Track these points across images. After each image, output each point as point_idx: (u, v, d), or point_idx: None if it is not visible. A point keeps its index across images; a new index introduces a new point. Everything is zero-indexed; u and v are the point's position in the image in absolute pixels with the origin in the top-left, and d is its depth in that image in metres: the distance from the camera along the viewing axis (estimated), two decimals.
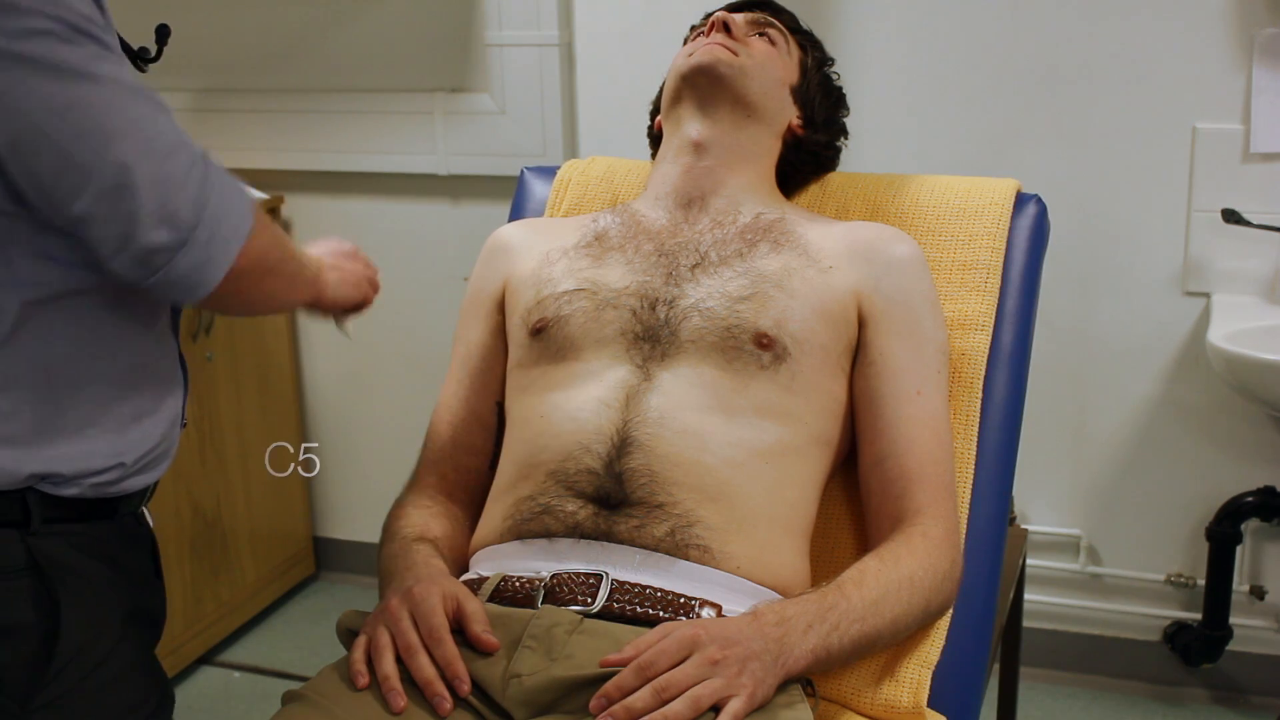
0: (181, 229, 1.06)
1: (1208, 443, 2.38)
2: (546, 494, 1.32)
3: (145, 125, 1.06)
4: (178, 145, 1.08)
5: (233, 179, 1.14)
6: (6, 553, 1.11)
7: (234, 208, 1.10)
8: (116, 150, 1.03)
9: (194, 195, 1.07)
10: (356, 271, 1.40)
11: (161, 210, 1.05)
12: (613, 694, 1.13)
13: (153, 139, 1.06)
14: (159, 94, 1.10)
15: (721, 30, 1.54)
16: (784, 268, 1.42)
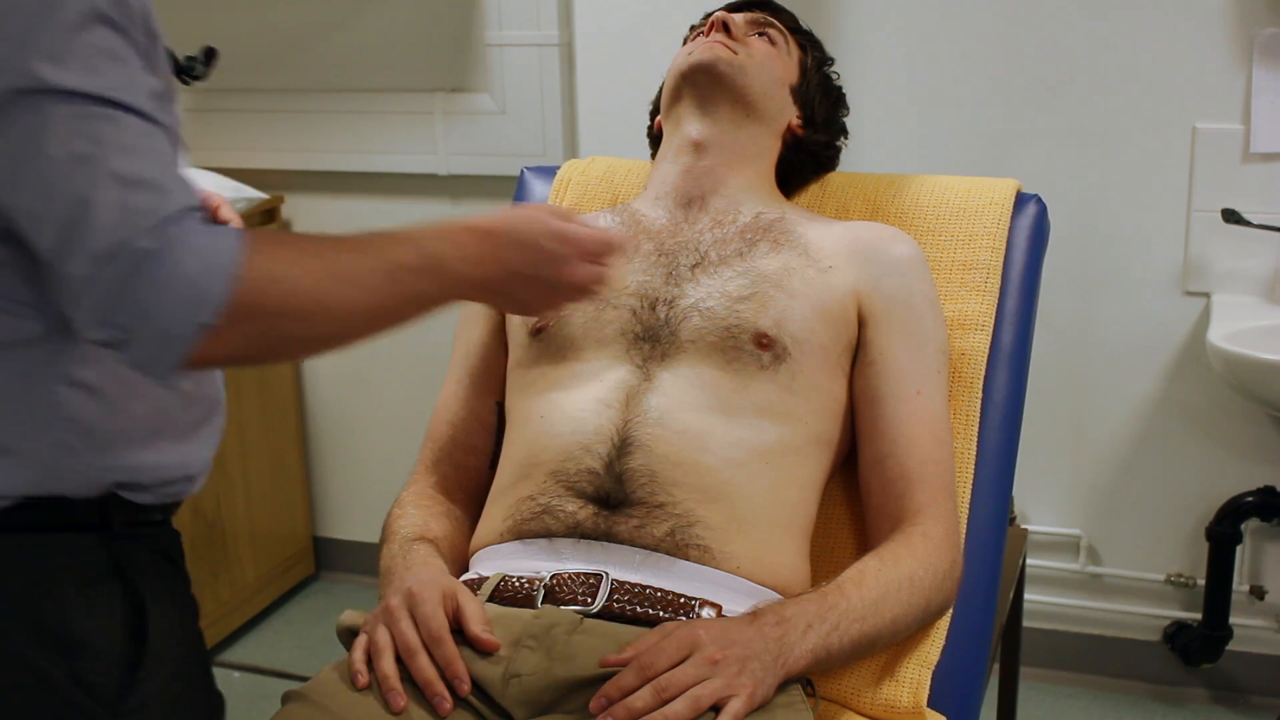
0: (115, 329, 0.96)
1: (1208, 443, 2.38)
2: (546, 494, 1.32)
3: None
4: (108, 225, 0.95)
5: (203, 237, 0.97)
6: (92, 559, 1.09)
7: (179, 295, 0.95)
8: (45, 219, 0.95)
9: (115, 293, 0.95)
10: (541, 301, 1.18)
11: (93, 308, 0.95)
12: (613, 694, 1.13)
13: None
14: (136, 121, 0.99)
15: (721, 30, 1.55)
16: (784, 267, 1.42)
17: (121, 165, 0.95)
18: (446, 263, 1.08)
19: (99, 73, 0.96)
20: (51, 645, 1.06)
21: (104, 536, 1.10)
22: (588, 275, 1.15)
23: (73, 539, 1.08)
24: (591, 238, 1.15)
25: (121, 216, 0.94)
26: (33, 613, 1.06)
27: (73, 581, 1.08)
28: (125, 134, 0.96)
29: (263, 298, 0.98)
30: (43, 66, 0.94)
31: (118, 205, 0.94)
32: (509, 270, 1.11)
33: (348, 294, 1.03)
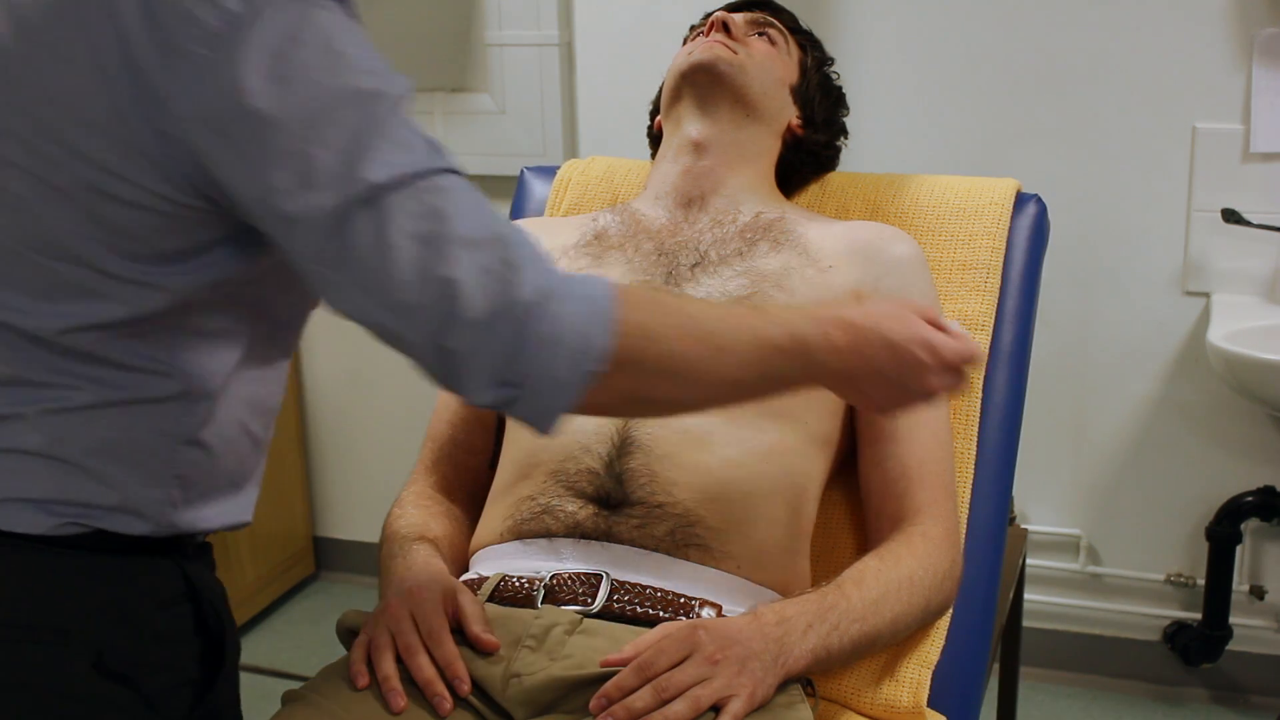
0: (508, 387, 0.99)
1: (1208, 443, 2.38)
2: (546, 494, 1.32)
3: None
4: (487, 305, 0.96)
5: (578, 301, 0.99)
6: (169, 582, 1.10)
7: (568, 345, 0.98)
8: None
9: (506, 353, 0.97)
10: (892, 401, 1.17)
11: (484, 372, 0.98)
12: (613, 694, 1.13)
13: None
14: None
15: (721, 30, 1.55)
16: (783, 267, 1.42)
17: (465, 229, 0.97)
18: (812, 348, 1.10)
19: (413, 149, 0.98)
20: (125, 669, 1.06)
21: (177, 559, 1.11)
22: (944, 385, 1.15)
23: (149, 562, 1.09)
24: (955, 350, 1.14)
25: (487, 280, 0.96)
26: (107, 637, 1.05)
27: (152, 604, 1.09)
28: (455, 198, 0.98)
29: (638, 352, 1.01)
30: (371, 169, 0.95)
31: (479, 270, 0.96)
32: (871, 368, 1.12)
33: (717, 361, 1.05)
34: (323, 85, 0.95)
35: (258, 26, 0.93)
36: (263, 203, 0.96)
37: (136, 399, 1.04)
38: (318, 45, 0.95)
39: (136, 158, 0.96)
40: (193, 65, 0.93)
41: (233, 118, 0.93)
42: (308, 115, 0.94)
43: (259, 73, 0.93)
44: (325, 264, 0.97)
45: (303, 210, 0.95)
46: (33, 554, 1.03)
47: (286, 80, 0.93)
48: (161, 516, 1.07)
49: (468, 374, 0.98)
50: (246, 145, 0.94)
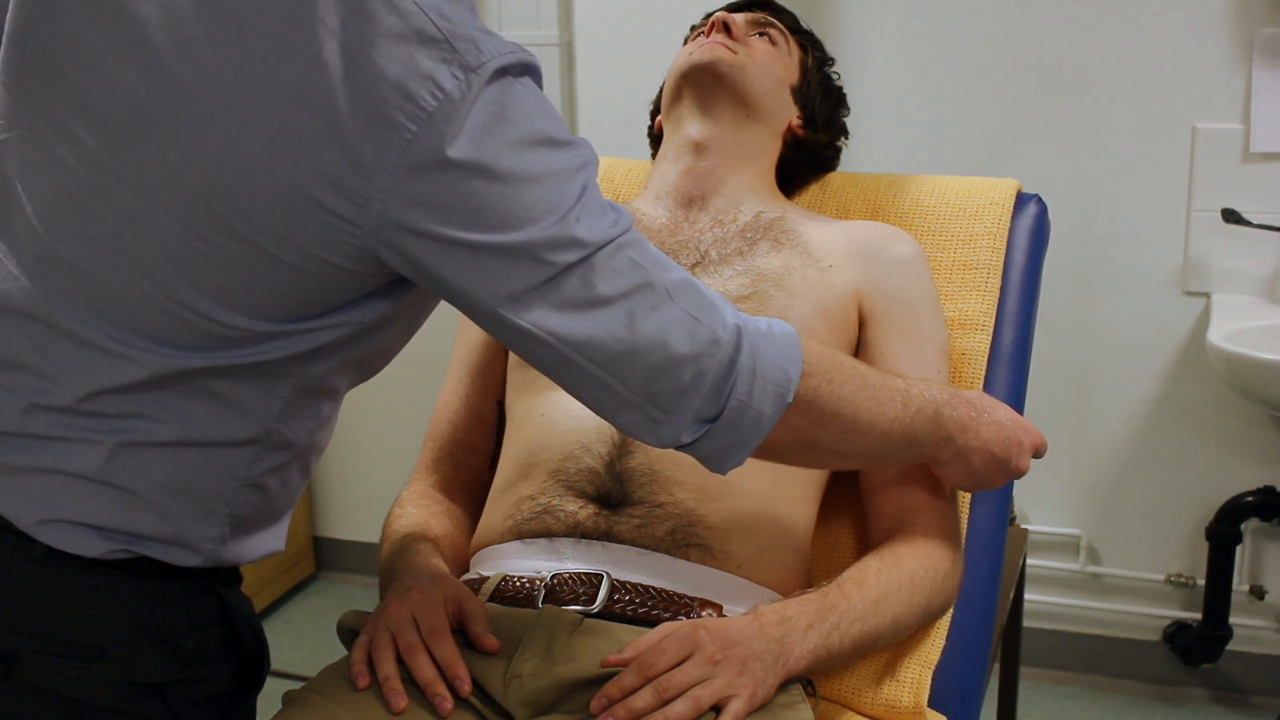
0: (708, 423, 1.05)
1: (1208, 443, 2.38)
2: (547, 493, 1.32)
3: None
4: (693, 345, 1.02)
5: (772, 340, 1.07)
6: (205, 606, 1.11)
7: (771, 380, 1.05)
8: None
9: (715, 390, 1.03)
10: (990, 475, 1.28)
11: (691, 411, 1.04)
12: (613, 694, 1.13)
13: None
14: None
15: (722, 30, 1.54)
16: (784, 267, 1.42)
17: (664, 277, 1.02)
18: (942, 417, 1.22)
19: (607, 213, 1.01)
20: (157, 686, 1.08)
21: (213, 583, 1.12)
22: (1027, 467, 1.28)
23: (187, 586, 1.10)
24: (1039, 435, 1.29)
25: (690, 322, 1.02)
26: (142, 657, 1.07)
27: (187, 626, 1.10)
28: (645, 251, 1.03)
29: (819, 393, 1.09)
30: (583, 233, 0.98)
31: (682, 314, 1.02)
32: (982, 444, 1.24)
33: (878, 413, 1.15)
34: (529, 162, 0.96)
35: (470, 107, 0.94)
36: (468, 260, 0.97)
37: (216, 442, 1.05)
38: (523, 122, 0.97)
39: (310, 226, 0.96)
40: (403, 141, 0.93)
41: (442, 174, 0.94)
42: (516, 190, 0.96)
43: (471, 146, 0.94)
44: (528, 321, 0.99)
45: (513, 269, 0.97)
46: (76, 574, 1.05)
47: (496, 155, 0.95)
48: (210, 552, 1.09)
49: (679, 414, 1.03)
50: (452, 200, 0.95)
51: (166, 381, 1.02)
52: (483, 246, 0.96)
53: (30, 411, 1.04)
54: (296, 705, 1.19)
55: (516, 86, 0.97)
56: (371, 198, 0.94)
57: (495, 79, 0.95)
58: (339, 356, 1.08)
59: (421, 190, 0.94)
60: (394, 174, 0.94)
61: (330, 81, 0.93)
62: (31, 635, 1.04)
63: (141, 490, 1.04)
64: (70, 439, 1.03)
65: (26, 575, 1.04)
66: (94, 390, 1.02)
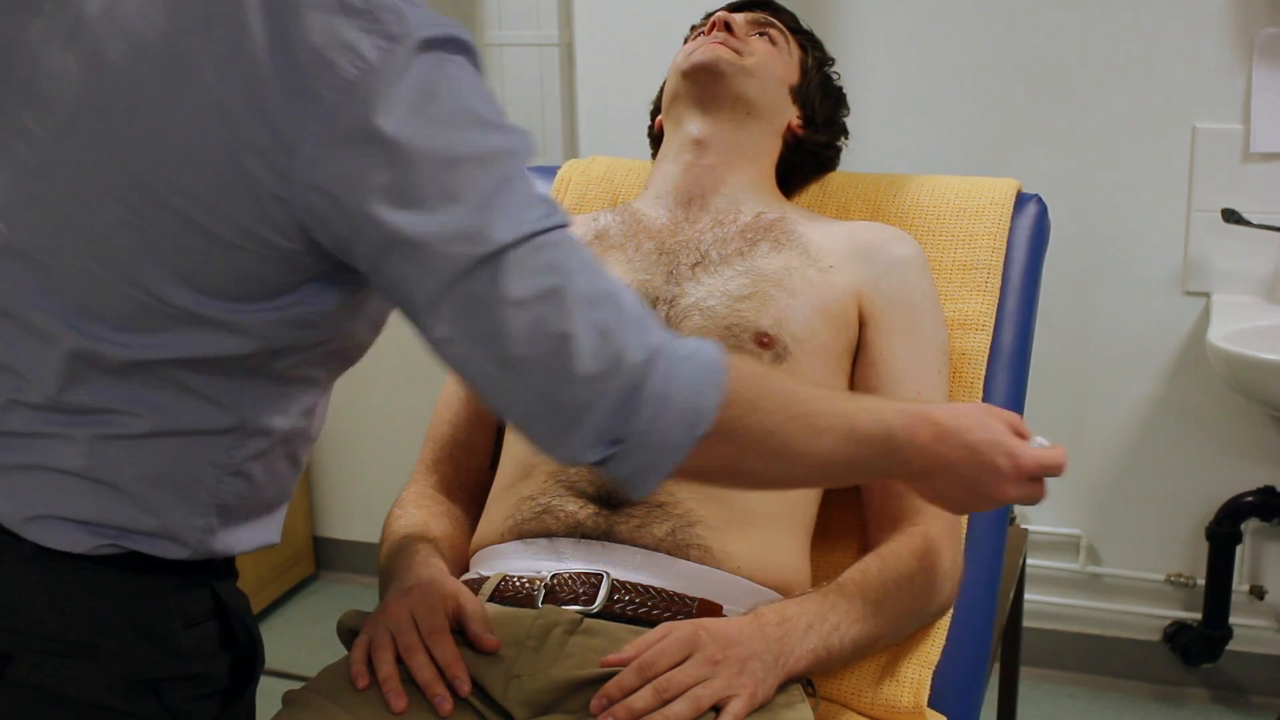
0: (613, 445, 0.98)
1: (1208, 443, 2.38)
2: (547, 493, 1.32)
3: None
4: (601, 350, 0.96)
5: (694, 362, 1.00)
6: (198, 601, 1.10)
7: (680, 407, 0.98)
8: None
9: (616, 412, 0.97)
10: (968, 501, 1.16)
11: (592, 430, 0.98)
12: (613, 694, 1.13)
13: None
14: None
15: (722, 29, 1.55)
16: (784, 267, 1.42)
17: (580, 286, 0.96)
18: (898, 444, 1.10)
19: (534, 206, 0.97)
20: (152, 683, 1.07)
21: (207, 578, 1.11)
22: (1019, 496, 1.15)
23: (180, 581, 1.09)
24: (1037, 460, 1.15)
25: (601, 337, 0.96)
26: (136, 653, 1.06)
27: (181, 622, 1.09)
28: (570, 254, 0.97)
29: (741, 422, 1.02)
30: (498, 228, 0.94)
31: (593, 326, 0.95)
32: (948, 468, 1.13)
33: (812, 443, 1.06)
34: (454, 140, 0.94)
35: (394, 77, 0.91)
36: (384, 243, 0.94)
37: (193, 430, 1.04)
38: (450, 99, 0.94)
39: (242, 199, 0.95)
40: (324, 110, 0.91)
41: (363, 147, 0.92)
42: (438, 168, 0.93)
43: (393, 118, 0.91)
44: (438, 316, 0.96)
45: (425, 261, 0.94)
46: (67, 571, 1.04)
47: (420, 131, 0.92)
48: (199, 543, 1.08)
49: (578, 430, 0.97)
50: (372, 173, 0.92)
51: (133, 373, 1.01)
52: (396, 228, 0.93)
53: (9, 408, 1.04)
54: (296, 705, 1.19)
55: (449, 64, 0.94)
56: (296, 170, 0.93)
57: (425, 51, 0.93)
58: (306, 348, 1.07)
59: (341, 163, 0.92)
60: (316, 145, 0.92)
61: (256, 52, 0.92)
62: (24, 634, 1.04)
63: (123, 483, 1.04)
64: (50, 435, 1.03)
65: (16, 573, 1.04)
66: (63, 384, 1.02)
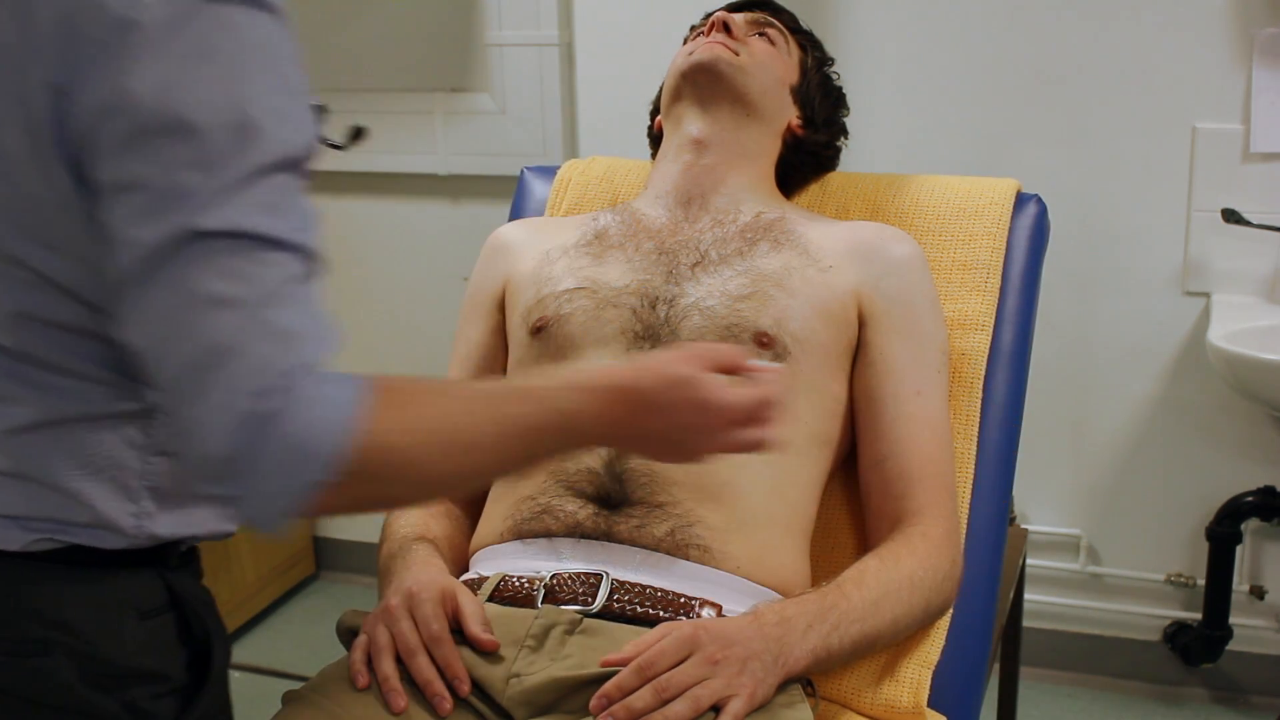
0: (227, 487, 0.92)
1: (1208, 443, 2.38)
2: (546, 494, 1.32)
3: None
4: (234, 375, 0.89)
5: (325, 388, 0.91)
6: (150, 593, 1.08)
7: (293, 457, 0.90)
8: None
9: (234, 455, 0.89)
10: (677, 456, 1.12)
11: (205, 463, 0.91)
12: (613, 694, 1.13)
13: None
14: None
15: (721, 30, 1.55)
16: (784, 267, 1.42)
17: (271, 315, 0.90)
18: (576, 421, 1.04)
19: (273, 213, 0.91)
20: (109, 679, 1.05)
21: (159, 569, 1.09)
22: (735, 442, 1.08)
23: (130, 573, 1.07)
24: (738, 405, 1.06)
25: (257, 372, 0.89)
26: (90, 648, 1.04)
27: (134, 615, 1.07)
28: (276, 275, 0.91)
29: (375, 465, 0.94)
30: (212, 215, 0.89)
31: (260, 358, 0.89)
32: (640, 433, 1.07)
33: (463, 461, 1.00)
34: (217, 108, 0.88)
35: (167, 28, 0.87)
36: (110, 201, 0.90)
37: (92, 415, 1.02)
38: (225, 64, 0.88)
39: (40, 141, 0.92)
40: (90, 56, 0.88)
41: (116, 108, 0.88)
42: (184, 131, 0.87)
43: (153, 74, 0.87)
44: (126, 283, 0.91)
45: (132, 230, 0.89)
46: (9, 569, 1.02)
47: (180, 89, 0.87)
48: (137, 529, 1.05)
49: (189, 450, 0.91)
50: (117, 135, 0.88)
51: (13, 351, 0.99)
52: (128, 166, 0.88)
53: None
54: (296, 705, 1.19)
55: (238, 17, 0.88)
56: (70, 114, 0.90)
57: (213, 1, 0.88)
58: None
59: (103, 117, 0.89)
60: (86, 90, 0.89)
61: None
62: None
63: (39, 474, 1.01)
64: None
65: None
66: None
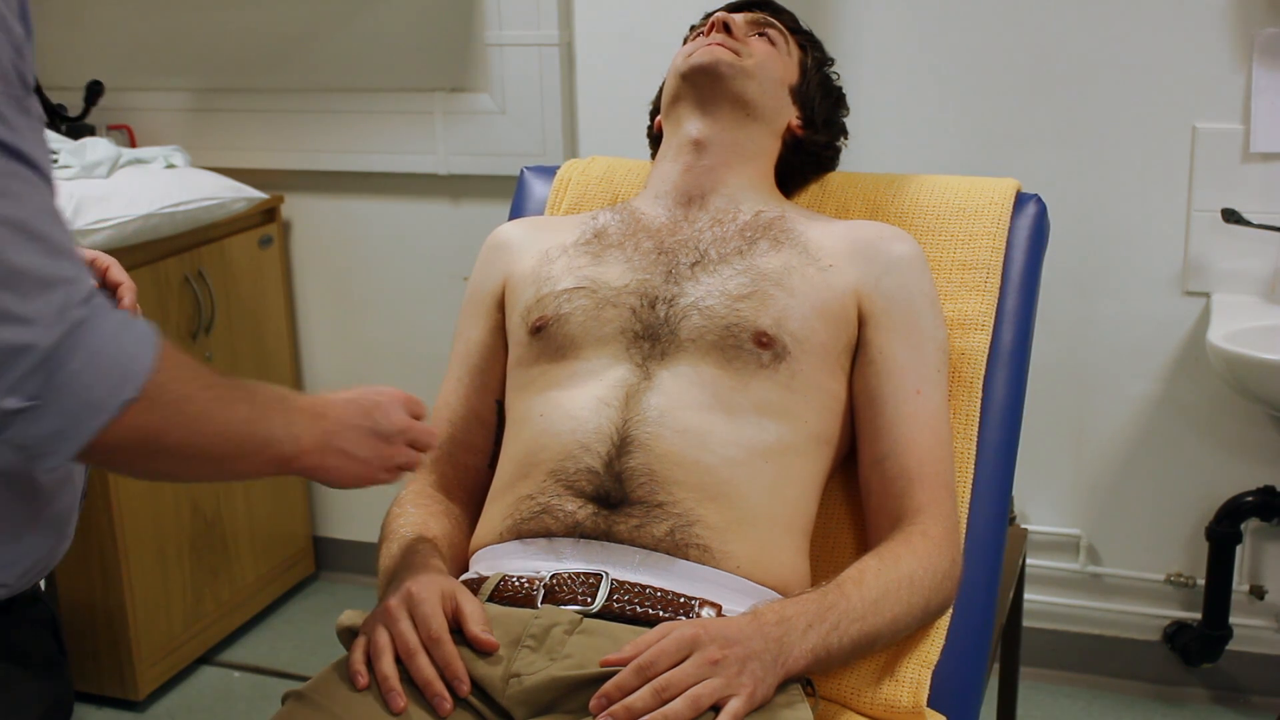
0: (31, 398, 0.89)
1: (1208, 443, 2.38)
2: (546, 493, 1.32)
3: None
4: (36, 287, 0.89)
5: (127, 334, 0.94)
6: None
7: (101, 378, 0.91)
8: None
9: (40, 358, 0.88)
10: (374, 458, 1.20)
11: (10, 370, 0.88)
12: (613, 694, 1.13)
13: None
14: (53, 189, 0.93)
15: (721, 30, 1.55)
16: (784, 266, 1.42)
17: (29, 219, 0.90)
18: (288, 403, 1.14)
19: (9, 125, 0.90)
20: None
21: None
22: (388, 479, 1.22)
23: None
24: (396, 461, 1.22)
25: (35, 276, 0.89)
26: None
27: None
28: (32, 191, 0.91)
29: (168, 389, 0.97)
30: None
31: (31, 259, 0.89)
32: (338, 420, 1.18)
33: (228, 413, 1.05)
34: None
35: None
36: None
37: None
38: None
39: None
40: None
41: None
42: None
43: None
44: None
45: None
46: None
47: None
48: None
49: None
50: None
51: None
52: None
53: None
54: (296, 705, 1.19)
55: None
56: None
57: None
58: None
59: None
60: None
61: None
62: None
63: None
64: None
65: None
66: None
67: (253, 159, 2.84)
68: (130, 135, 2.89)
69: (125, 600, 2.44)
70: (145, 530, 2.48)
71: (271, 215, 2.83)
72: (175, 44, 2.87)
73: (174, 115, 2.89)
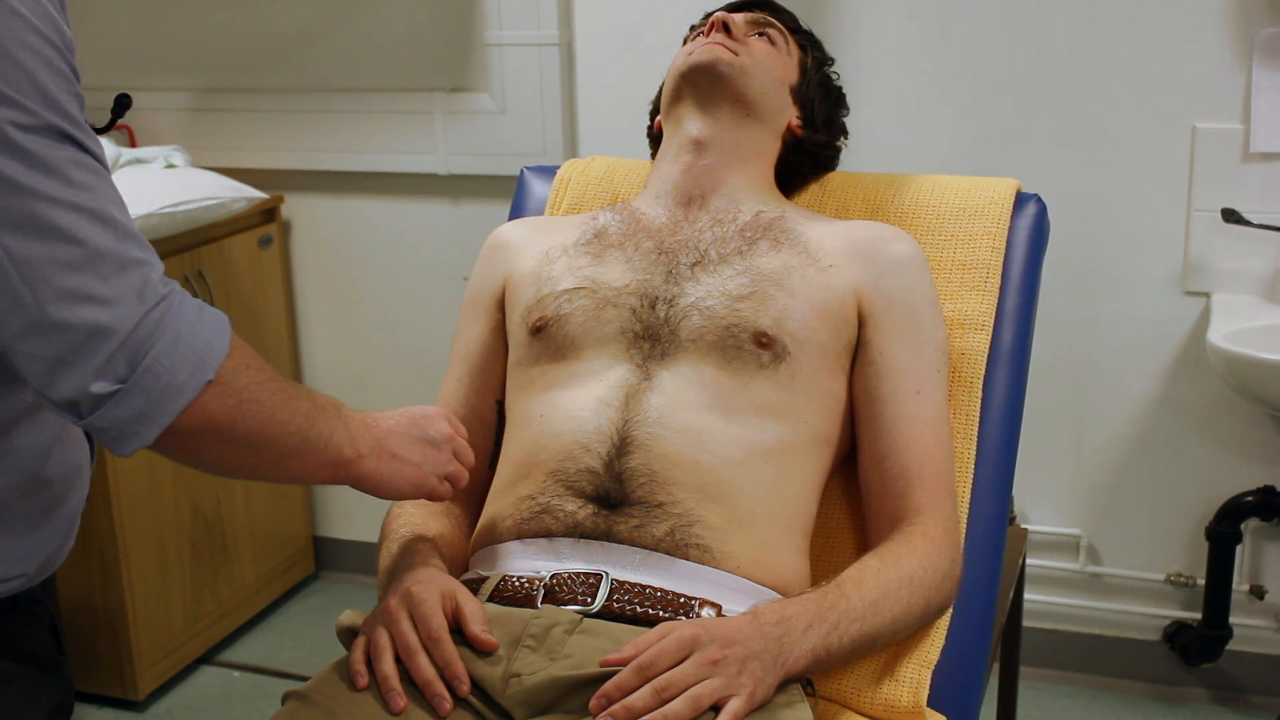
0: (118, 380, 0.92)
1: (1208, 443, 2.38)
2: (546, 493, 1.32)
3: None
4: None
5: (204, 319, 0.98)
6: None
7: (182, 361, 0.95)
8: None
9: (124, 340, 0.92)
10: (426, 464, 1.23)
11: (95, 357, 0.92)
12: (612, 694, 1.13)
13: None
14: (122, 207, 0.96)
15: (721, 30, 1.55)
16: (784, 266, 1.42)
17: (111, 208, 0.93)
18: (343, 412, 1.17)
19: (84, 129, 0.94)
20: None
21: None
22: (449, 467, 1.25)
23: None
24: (446, 476, 1.26)
25: (119, 261, 0.92)
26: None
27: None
28: (99, 180, 0.94)
29: (240, 377, 1.00)
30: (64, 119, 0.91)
31: (118, 251, 0.92)
32: (387, 432, 1.21)
33: (292, 407, 1.07)
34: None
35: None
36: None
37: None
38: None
39: None
40: None
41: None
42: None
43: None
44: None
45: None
46: None
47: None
48: None
49: (87, 357, 0.91)
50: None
51: None
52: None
53: None
54: (296, 705, 1.19)
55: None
56: None
57: None
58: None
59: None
60: None
61: None
62: None
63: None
64: None
65: None
66: None
67: (253, 159, 2.84)
68: (130, 135, 2.89)
69: (125, 600, 2.45)
70: (145, 530, 2.48)
71: (271, 215, 2.83)
72: (175, 44, 2.87)
73: (174, 115, 2.89)
